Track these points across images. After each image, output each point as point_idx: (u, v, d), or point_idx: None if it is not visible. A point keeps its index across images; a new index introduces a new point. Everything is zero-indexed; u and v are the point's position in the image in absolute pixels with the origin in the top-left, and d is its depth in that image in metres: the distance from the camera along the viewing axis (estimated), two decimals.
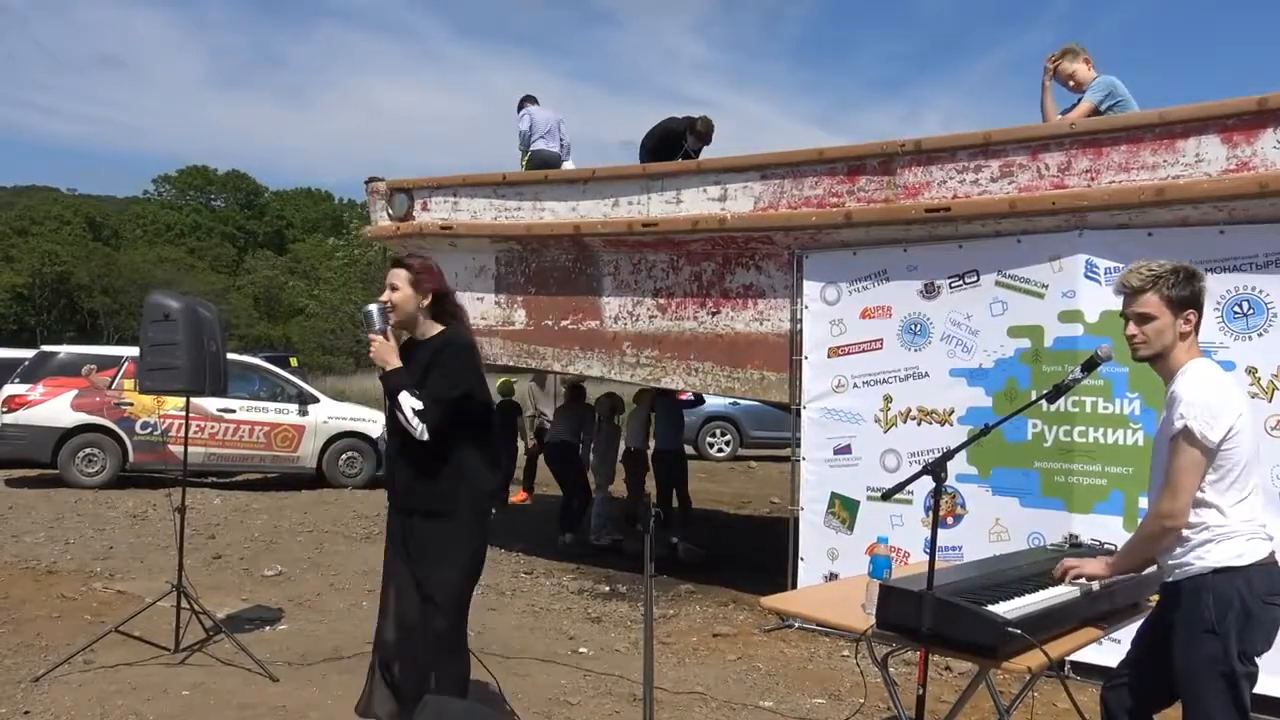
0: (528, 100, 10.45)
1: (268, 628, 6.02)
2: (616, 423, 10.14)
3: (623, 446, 9.96)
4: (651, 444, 9.65)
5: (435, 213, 8.04)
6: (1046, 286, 5.57)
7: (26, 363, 12.76)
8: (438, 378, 3.62)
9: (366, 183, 8.53)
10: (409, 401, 3.55)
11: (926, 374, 6.01)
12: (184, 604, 5.28)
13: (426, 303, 3.76)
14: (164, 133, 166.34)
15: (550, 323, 7.66)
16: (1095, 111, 5.63)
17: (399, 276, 3.75)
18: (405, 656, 3.76)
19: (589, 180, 7.31)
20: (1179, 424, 2.82)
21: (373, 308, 3.69)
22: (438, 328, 3.78)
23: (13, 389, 12.10)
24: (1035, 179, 5.54)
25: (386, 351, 3.66)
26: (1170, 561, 2.93)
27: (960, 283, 5.90)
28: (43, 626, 5.83)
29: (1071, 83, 5.85)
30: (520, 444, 12.51)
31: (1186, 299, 2.94)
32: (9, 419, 11.95)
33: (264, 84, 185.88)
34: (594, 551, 8.98)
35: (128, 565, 7.59)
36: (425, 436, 3.56)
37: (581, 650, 5.77)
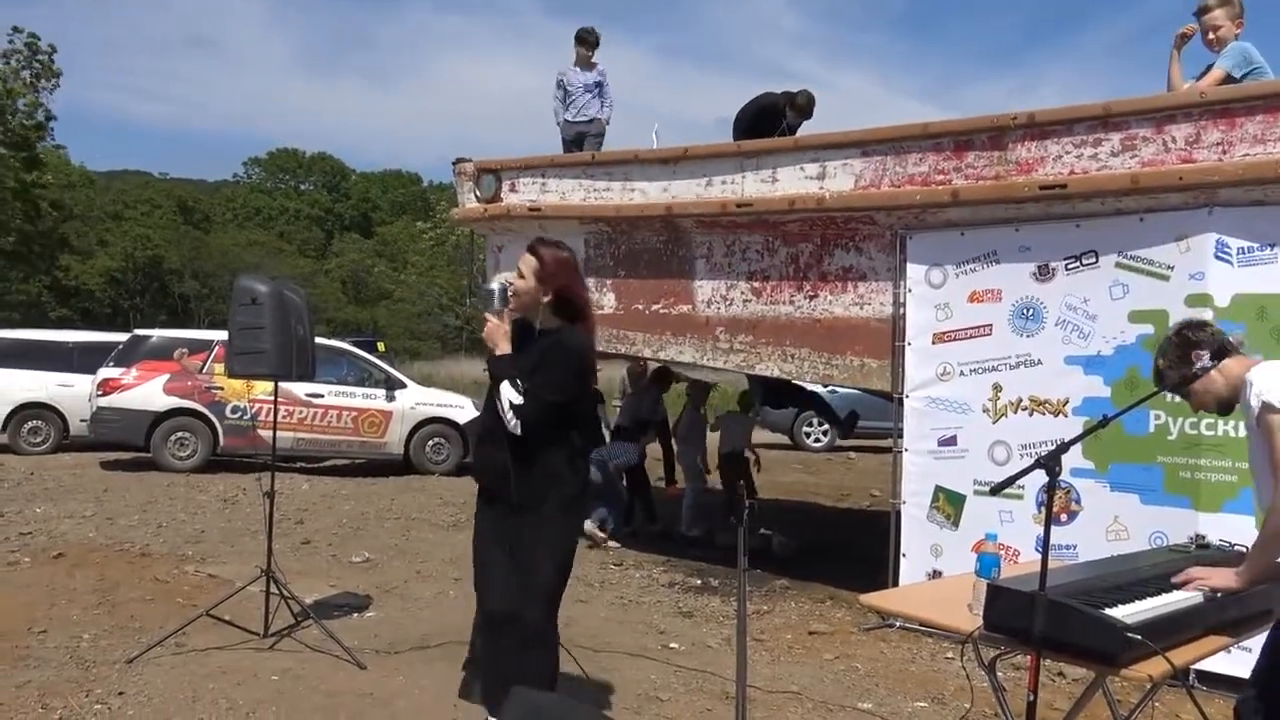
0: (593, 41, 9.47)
1: (355, 614, 6.18)
2: (703, 412, 10.14)
3: (715, 446, 9.95)
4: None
5: (523, 194, 8.12)
6: (1172, 268, 5.39)
7: (120, 346, 13.30)
8: (544, 378, 3.63)
9: (454, 164, 8.65)
10: (508, 393, 3.59)
11: (1039, 361, 5.87)
12: (273, 589, 5.46)
13: (548, 299, 3.73)
14: (253, 116, 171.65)
15: (641, 307, 7.68)
16: (1227, 80, 5.41)
17: (528, 264, 3.73)
18: (493, 646, 3.83)
19: (681, 159, 7.29)
20: (1255, 403, 2.92)
21: (494, 286, 3.69)
22: (557, 322, 3.77)
23: (107, 372, 12.62)
24: (1160, 153, 5.35)
25: (497, 334, 3.68)
26: None
27: (1077, 264, 5.73)
28: (136, 609, 6.09)
29: (1212, 35, 5.59)
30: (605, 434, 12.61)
31: None
32: (104, 402, 12.47)
33: (352, 65, 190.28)
34: (684, 543, 9.00)
35: (218, 549, 7.88)
36: (518, 431, 3.60)
37: (672, 645, 5.79)
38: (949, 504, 6.20)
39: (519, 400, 3.58)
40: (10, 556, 7.24)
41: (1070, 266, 5.76)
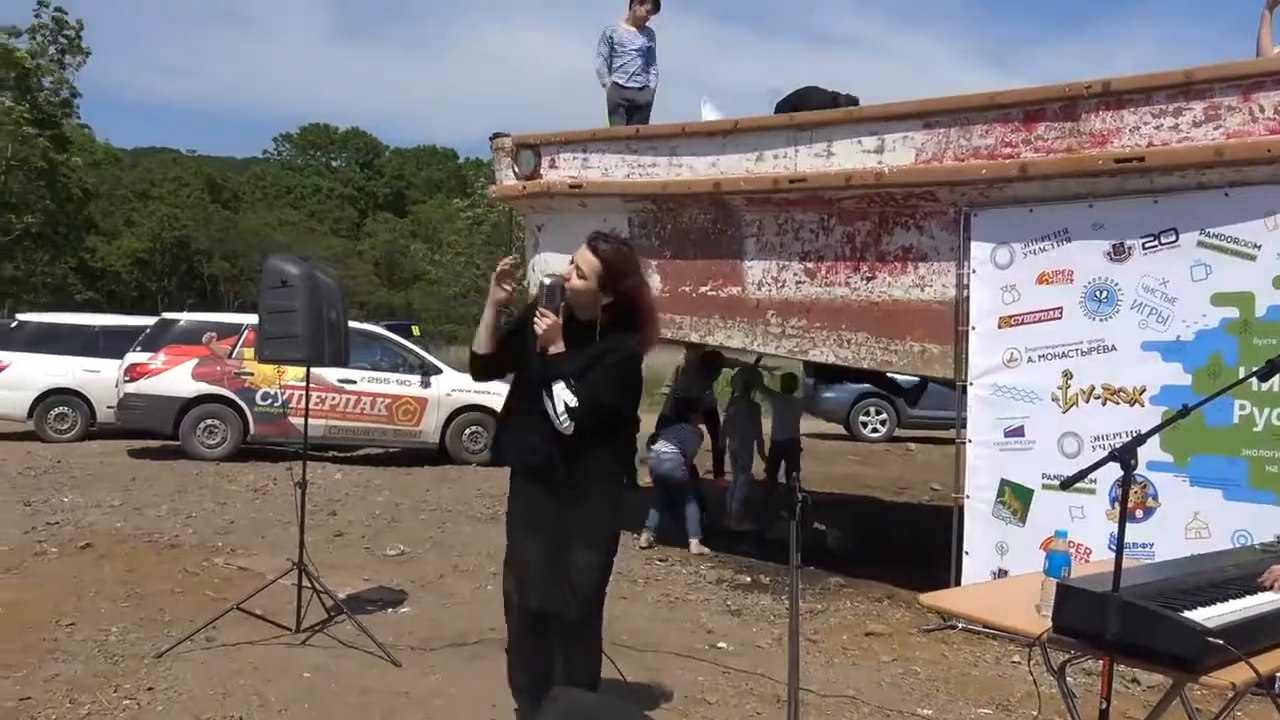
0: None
1: (390, 610, 6.26)
2: (754, 399, 10.10)
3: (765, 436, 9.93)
4: None
5: (564, 170, 8.13)
6: (1259, 247, 5.29)
7: (148, 330, 13.52)
8: (600, 380, 3.67)
9: (491, 139, 8.68)
10: (564, 395, 3.64)
11: (1114, 347, 5.79)
12: (305, 583, 5.54)
13: (607, 302, 3.75)
14: (283, 90, 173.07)
15: (688, 289, 7.67)
16: None
17: (589, 264, 3.71)
18: (534, 643, 3.85)
19: (730, 132, 7.26)
20: None
21: (548, 282, 3.71)
22: (609, 316, 3.78)
23: (134, 357, 12.84)
24: (1247, 123, 5.24)
25: (554, 333, 3.70)
26: None
27: (1155, 243, 5.64)
28: (165, 602, 6.20)
29: None
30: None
31: None
32: (131, 388, 12.68)
33: (385, 36, 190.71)
34: (733, 538, 8.99)
35: (249, 541, 8.00)
36: (569, 432, 3.66)
37: (720, 645, 5.80)
38: (1016, 499, 6.14)
39: (574, 402, 3.64)
40: (37, 546, 7.40)
41: (1148, 245, 5.67)
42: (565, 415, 3.63)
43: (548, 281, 3.72)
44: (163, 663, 5.03)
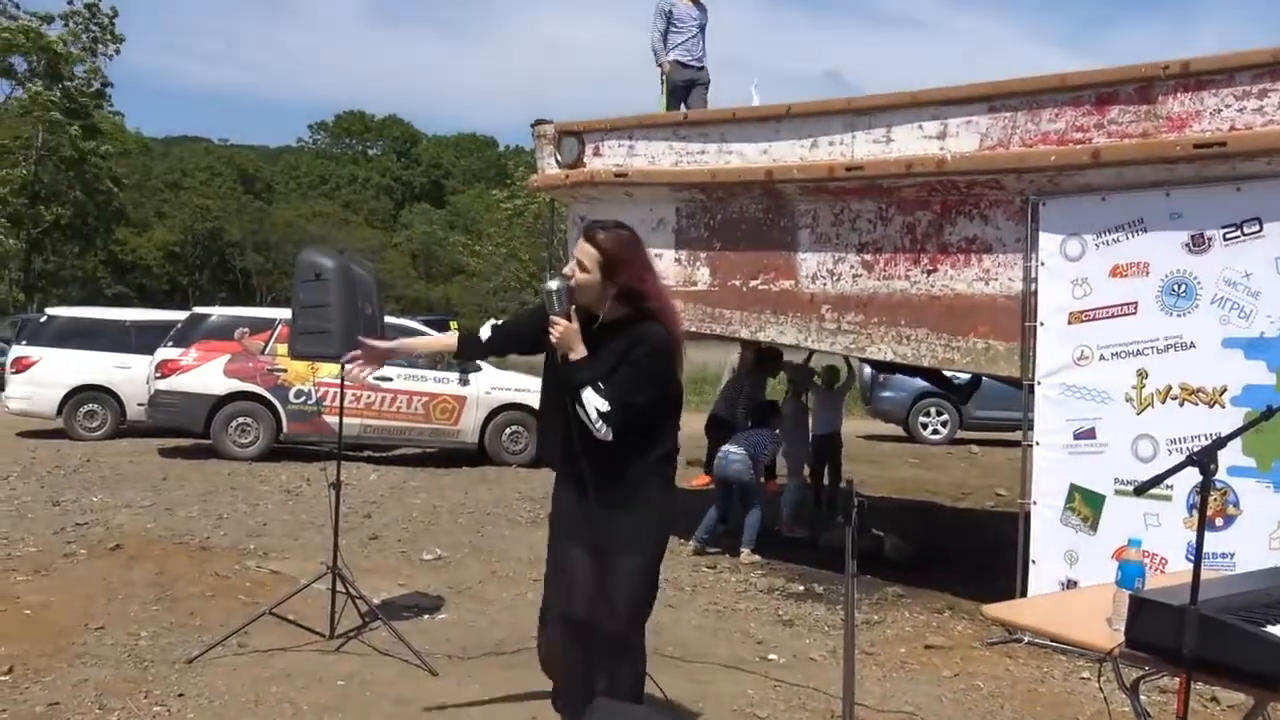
0: None
1: (426, 616, 6.31)
2: (804, 401, 10.06)
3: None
4: None
5: (609, 158, 8.14)
6: None
7: (179, 325, 13.72)
8: (628, 378, 3.66)
9: (533, 126, 8.72)
10: (593, 401, 3.61)
11: (1192, 344, 5.71)
12: (339, 588, 5.61)
13: (613, 293, 3.74)
14: (318, 76, 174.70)
15: (738, 282, 7.66)
16: None
17: (588, 256, 3.71)
18: (575, 654, 3.87)
19: (783, 118, 7.24)
20: None
21: (554, 285, 3.70)
22: (625, 309, 3.76)
23: (165, 353, 13.05)
24: None
25: (571, 338, 3.68)
26: None
27: (1238, 234, 5.55)
28: (196, 605, 6.30)
29: None
30: None
31: None
32: (162, 385, 12.89)
33: (423, 19, 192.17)
34: (785, 544, 8.97)
35: (282, 543, 8.11)
36: (608, 438, 3.63)
37: (771, 657, 5.79)
38: (1086, 505, 6.07)
39: (606, 407, 3.61)
40: (67, 548, 7.55)
41: (1229, 236, 5.58)
42: (600, 421, 3.61)
43: (553, 286, 3.69)
44: (194, 668, 5.12)
